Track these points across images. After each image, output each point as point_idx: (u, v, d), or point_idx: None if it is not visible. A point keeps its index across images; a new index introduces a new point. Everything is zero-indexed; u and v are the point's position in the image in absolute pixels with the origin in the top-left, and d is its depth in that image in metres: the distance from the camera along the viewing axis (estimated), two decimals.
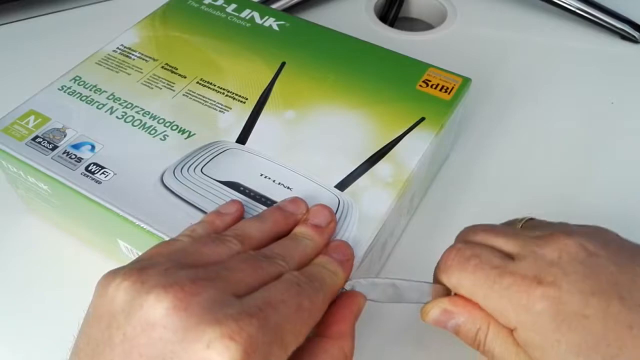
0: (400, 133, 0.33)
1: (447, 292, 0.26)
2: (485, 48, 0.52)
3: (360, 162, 0.31)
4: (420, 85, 0.36)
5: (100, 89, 0.35)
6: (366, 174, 0.31)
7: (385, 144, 0.32)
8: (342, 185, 0.30)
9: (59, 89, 0.35)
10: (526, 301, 0.22)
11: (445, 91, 0.36)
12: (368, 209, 0.29)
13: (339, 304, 0.24)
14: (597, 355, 0.21)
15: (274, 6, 0.51)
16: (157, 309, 0.19)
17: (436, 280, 0.26)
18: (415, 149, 0.32)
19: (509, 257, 0.24)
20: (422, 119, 0.34)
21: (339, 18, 0.54)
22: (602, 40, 0.53)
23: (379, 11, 0.57)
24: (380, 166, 0.31)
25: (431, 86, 0.36)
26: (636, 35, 0.52)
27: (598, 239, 0.24)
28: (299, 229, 0.27)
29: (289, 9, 0.53)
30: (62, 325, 0.32)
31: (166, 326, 0.19)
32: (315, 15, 0.54)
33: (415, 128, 0.33)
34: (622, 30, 0.52)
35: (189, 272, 0.21)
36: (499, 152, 0.43)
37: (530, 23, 0.55)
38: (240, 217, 0.28)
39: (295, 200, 0.28)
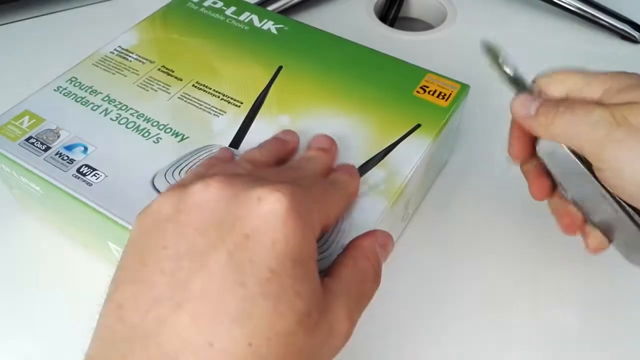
0: (395, 140, 0.33)
1: None
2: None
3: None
4: (418, 92, 0.36)
5: (96, 91, 0.35)
6: (360, 180, 0.30)
7: (379, 151, 0.32)
8: None
9: (54, 90, 0.35)
10: (586, 116, 0.25)
11: (443, 97, 0.35)
12: (360, 217, 0.29)
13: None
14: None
15: (273, 6, 0.51)
16: (207, 192, 0.21)
17: None
18: (409, 156, 0.32)
19: None
20: (418, 126, 0.33)
21: (338, 18, 0.54)
22: (602, 40, 0.52)
23: (379, 11, 0.57)
24: (374, 173, 0.31)
25: (428, 92, 0.36)
26: (636, 35, 0.51)
27: None
28: (306, 153, 0.29)
29: (289, 9, 0.53)
30: (56, 323, 0.33)
31: (217, 200, 0.21)
32: (315, 16, 0.54)
33: (411, 135, 0.33)
34: (622, 30, 0.52)
35: (224, 168, 0.25)
36: (498, 155, 0.42)
37: (530, 23, 0.54)
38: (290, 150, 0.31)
39: (287, 130, 0.31)
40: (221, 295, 0.19)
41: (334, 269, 0.23)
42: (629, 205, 0.26)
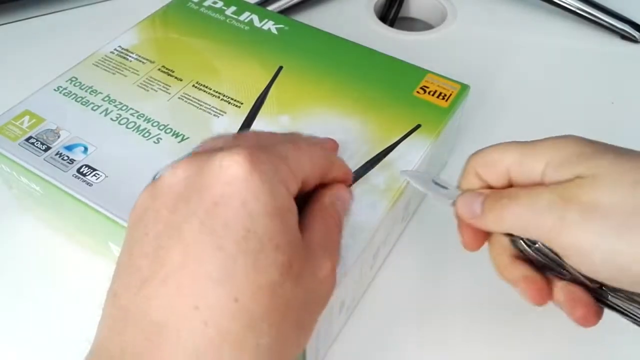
0: (396, 140, 0.33)
1: None
2: (485, 48, 0.52)
3: (354, 169, 0.31)
4: (418, 92, 0.36)
5: (96, 91, 0.35)
6: (360, 180, 0.31)
7: (380, 151, 0.32)
8: None
9: (54, 90, 0.35)
10: (533, 203, 0.23)
11: (443, 98, 0.35)
12: (360, 217, 0.29)
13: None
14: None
15: (273, 6, 0.51)
16: (175, 174, 0.21)
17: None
18: (410, 156, 0.32)
19: None
20: (418, 126, 0.33)
21: (338, 18, 0.54)
22: (602, 40, 0.52)
23: (379, 11, 0.57)
24: (375, 173, 0.31)
25: (429, 93, 0.36)
26: (636, 35, 0.52)
27: None
28: None
29: (289, 9, 0.53)
30: (56, 322, 0.33)
31: (185, 177, 0.21)
32: (315, 15, 0.54)
33: (411, 135, 0.33)
34: (622, 30, 0.52)
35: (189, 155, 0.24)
36: None
37: (530, 23, 0.55)
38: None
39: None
40: (200, 261, 0.19)
41: (307, 224, 0.23)
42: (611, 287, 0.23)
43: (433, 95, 0.36)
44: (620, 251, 0.21)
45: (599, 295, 0.23)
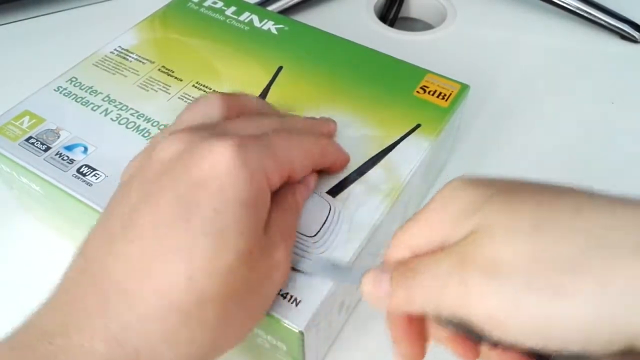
0: (395, 140, 0.33)
1: None
2: (485, 48, 0.52)
3: (354, 169, 0.31)
4: (418, 92, 0.36)
5: (96, 91, 0.35)
6: (359, 180, 0.31)
7: (379, 151, 0.32)
8: (334, 191, 0.30)
9: (54, 90, 0.35)
10: (435, 272, 0.20)
11: (443, 98, 0.35)
12: (359, 216, 0.29)
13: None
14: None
15: (273, 6, 0.51)
16: (168, 149, 0.23)
17: None
18: (410, 156, 0.32)
19: None
20: (418, 126, 0.33)
21: (338, 18, 0.54)
22: (602, 40, 0.52)
23: (379, 11, 0.57)
24: (374, 173, 0.31)
25: (429, 92, 0.36)
26: (636, 35, 0.52)
27: None
28: None
29: (289, 9, 0.53)
30: None
31: (176, 153, 0.22)
32: (315, 15, 0.54)
33: (411, 135, 0.33)
34: (622, 30, 0.52)
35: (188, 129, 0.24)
36: (498, 156, 0.42)
37: (530, 23, 0.54)
38: None
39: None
40: (167, 229, 0.21)
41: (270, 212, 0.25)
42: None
43: (433, 95, 0.36)
44: (532, 313, 0.16)
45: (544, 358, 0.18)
